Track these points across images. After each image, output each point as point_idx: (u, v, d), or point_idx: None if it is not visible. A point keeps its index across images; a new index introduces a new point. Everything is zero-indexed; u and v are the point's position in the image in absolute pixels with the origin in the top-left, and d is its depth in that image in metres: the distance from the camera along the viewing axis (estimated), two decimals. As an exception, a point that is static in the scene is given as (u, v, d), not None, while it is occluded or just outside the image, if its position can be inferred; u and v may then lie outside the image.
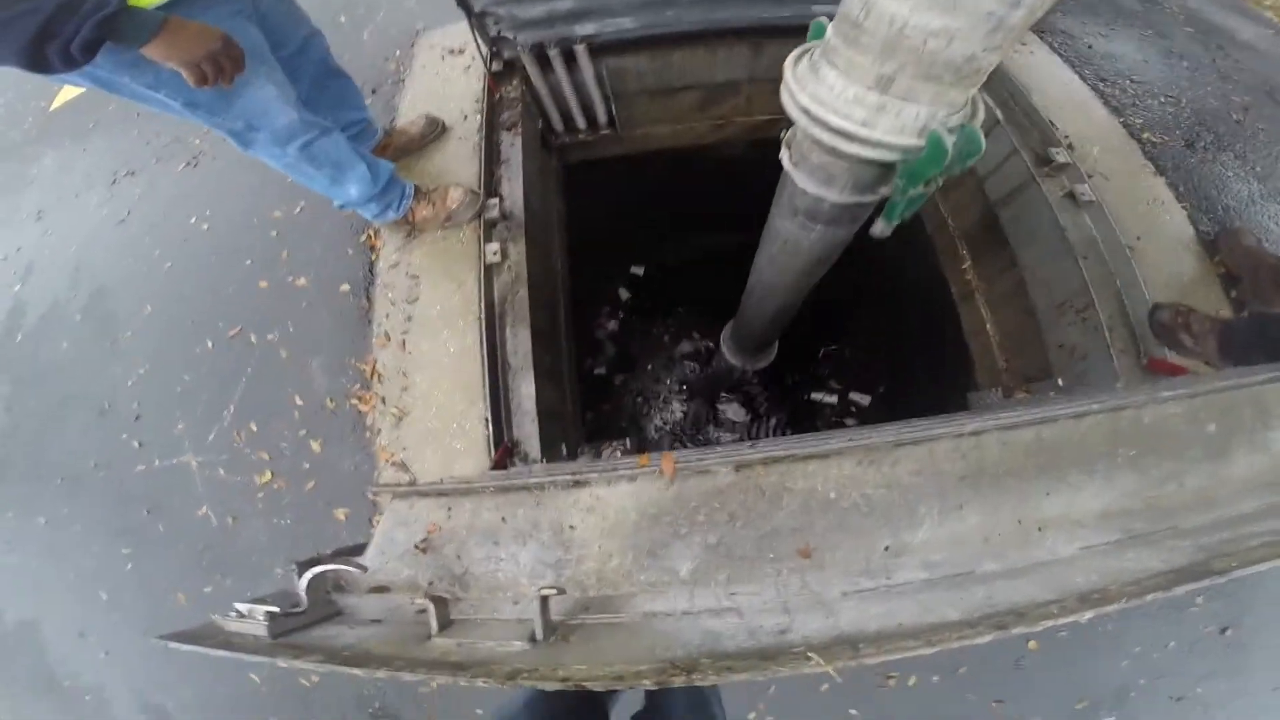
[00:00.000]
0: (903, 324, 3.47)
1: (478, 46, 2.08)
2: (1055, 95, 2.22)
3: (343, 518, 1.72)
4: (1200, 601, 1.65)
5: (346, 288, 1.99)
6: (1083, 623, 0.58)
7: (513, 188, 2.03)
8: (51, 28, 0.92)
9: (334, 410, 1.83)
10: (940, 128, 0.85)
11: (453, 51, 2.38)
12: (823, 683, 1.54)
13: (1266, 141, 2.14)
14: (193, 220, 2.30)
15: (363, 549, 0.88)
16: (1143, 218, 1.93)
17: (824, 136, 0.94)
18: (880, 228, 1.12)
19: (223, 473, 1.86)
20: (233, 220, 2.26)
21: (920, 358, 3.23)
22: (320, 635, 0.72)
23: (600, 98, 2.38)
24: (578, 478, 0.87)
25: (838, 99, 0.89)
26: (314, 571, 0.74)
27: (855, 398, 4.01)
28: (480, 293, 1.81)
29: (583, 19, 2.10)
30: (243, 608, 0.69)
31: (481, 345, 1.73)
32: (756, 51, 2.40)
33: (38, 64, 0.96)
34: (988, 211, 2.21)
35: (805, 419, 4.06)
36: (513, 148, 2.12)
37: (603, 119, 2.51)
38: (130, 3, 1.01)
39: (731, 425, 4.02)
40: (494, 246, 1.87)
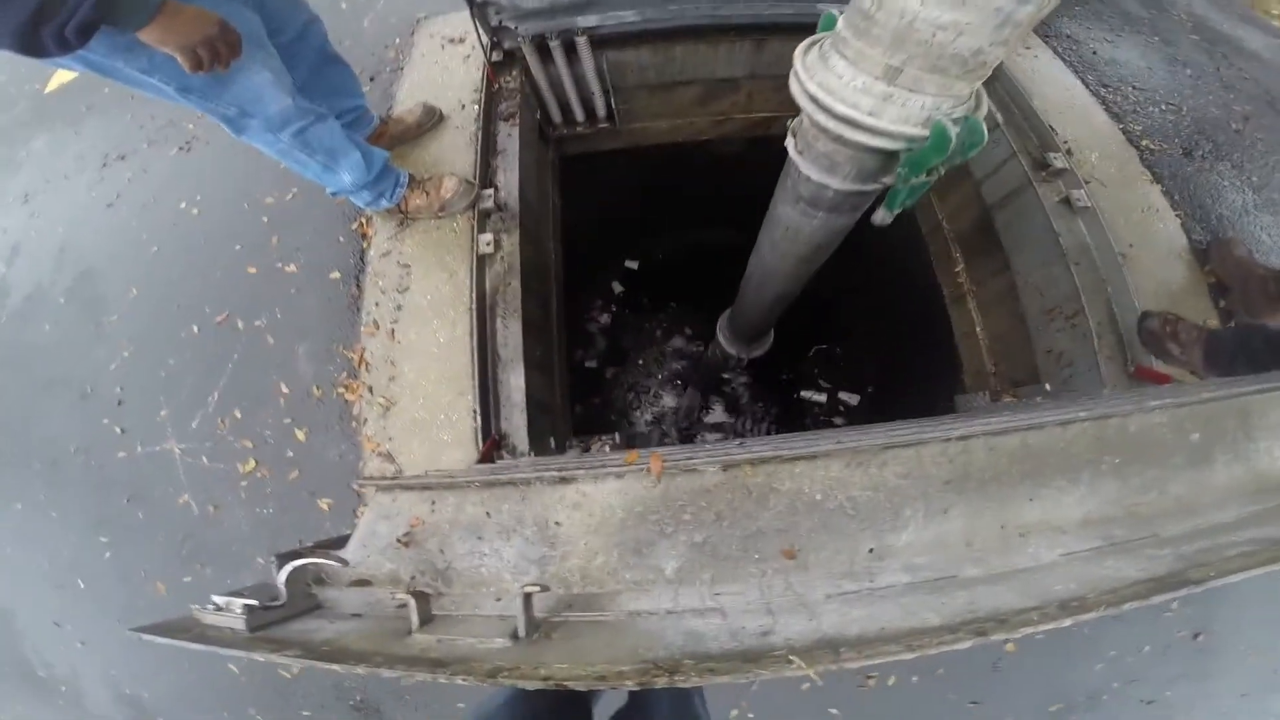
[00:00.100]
0: (894, 325, 3.49)
1: (478, 36, 2.06)
2: (1056, 100, 2.22)
3: (326, 508, 1.71)
4: (1175, 606, 1.67)
5: (336, 275, 1.97)
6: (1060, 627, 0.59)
7: (508, 179, 2.02)
8: (46, 10, 0.89)
9: (320, 399, 1.81)
10: (944, 118, 0.88)
11: (453, 40, 2.35)
12: (804, 682, 1.55)
13: (1264, 151, 2.15)
14: (182, 204, 2.27)
15: (345, 541, 0.87)
16: (1136, 225, 1.93)
17: (831, 124, 0.97)
18: (881, 216, 1.16)
19: (205, 460, 1.84)
20: (223, 205, 2.22)
21: (910, 359, 3.24)
22: (299, 629, 0.72)
23: (600, 90, 2.37)
24: (564, 474, 0.86)
25: (846, 88, 0.92)
26: (294, 565, 0.74)
27: (844, 397, 4.03)
28: (472, 283, 1.79)
29: (585, 10, 2.08)
30: (220, 600, 0.68)
31: (472, 336, 1.72)
32: (758, 48, 2.39)
33: (31, 47, 0.93)
34: (983, 214, 2.22)
35: (794, 417, 4.08)
36: (510, 138, 2.11)
37: (601, 112, 2.49)
38: None
39: (719, 424, 4.04)
40: (487, 237, 1.86)
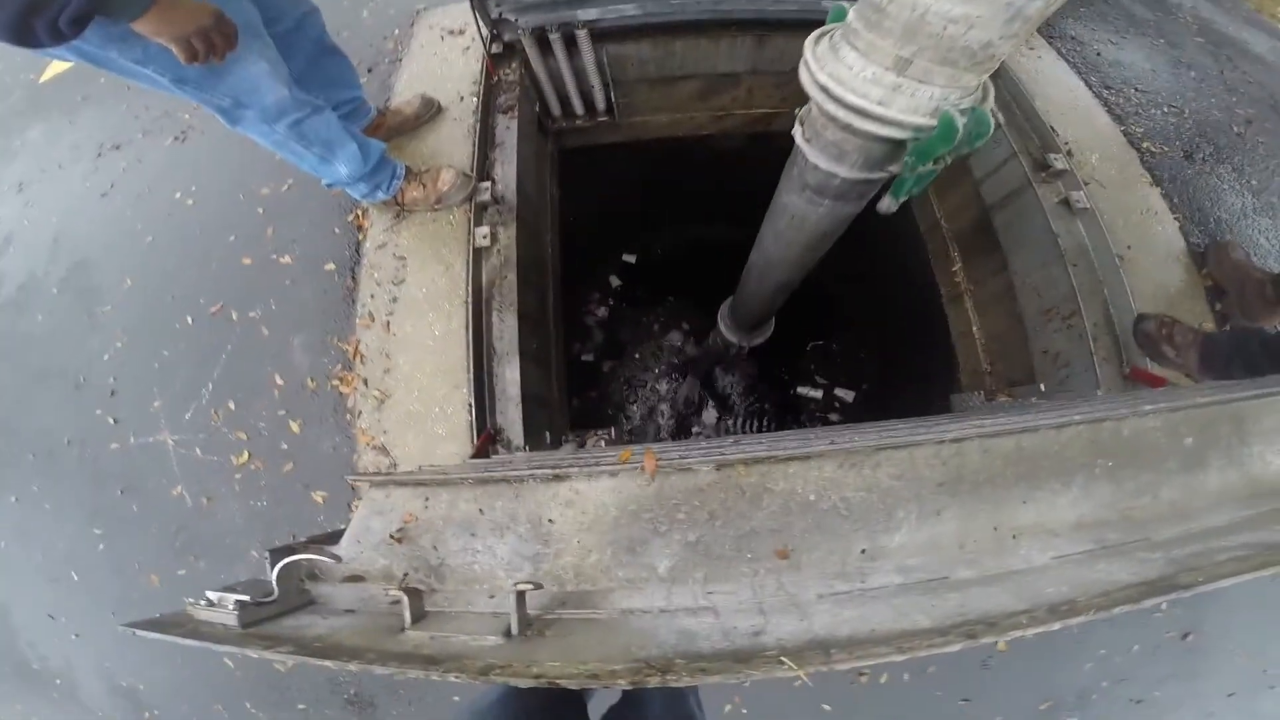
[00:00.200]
0: (891, 322, 3.49)
1: (478, 28, 2.04)
2: (1059, 100, 2.21)
3: (320, 500, 1.71)
4: (1165, 607, 1.68)
5: (332, 267, 1.95)
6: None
7: (506, 171, 2.00)
8: (40, 1, 0.87)
9: (314, 391, 1.81)
10: (952, 109, 0.91)
11: (452, 32, 2.33)
12: (796, 679, 1.56)
13: (1265, 155, 2.14)
14: (177, 195, 2.25)
15: (338, 536, 0.86)
16: (1135, 227, 1.94)
17: (840, 113, 0.99)
18: (887, 204, 1.19)
19: (199, 452, 1.84)
20: (218, 196, 2.21)
21: (906, 357, 3.25)
22: (292, 625, 0.71)
23: (600, 84, 2.35)
24: (558, 471, 0.86)
25: (856, 78, 0.94)
26: (286, 560, 0.73)
27: (840, 393, 4.04)
28: (468, 276, 1.78)
29: (585, 3, 2.07)
30: (213, 596, 0.68)
31: (467, 329, 1.71)
32: (760, 43, 2.37)
33: (24, 38, 0.92)
34: (982, 214, 2.21)
35: (790, 413, 4.09)
36: (508, 131, 2.09)
37: (601, 105, 2.48)
38: None
39: (715, 422, 4.05)
40: (484, 230, 1.85)
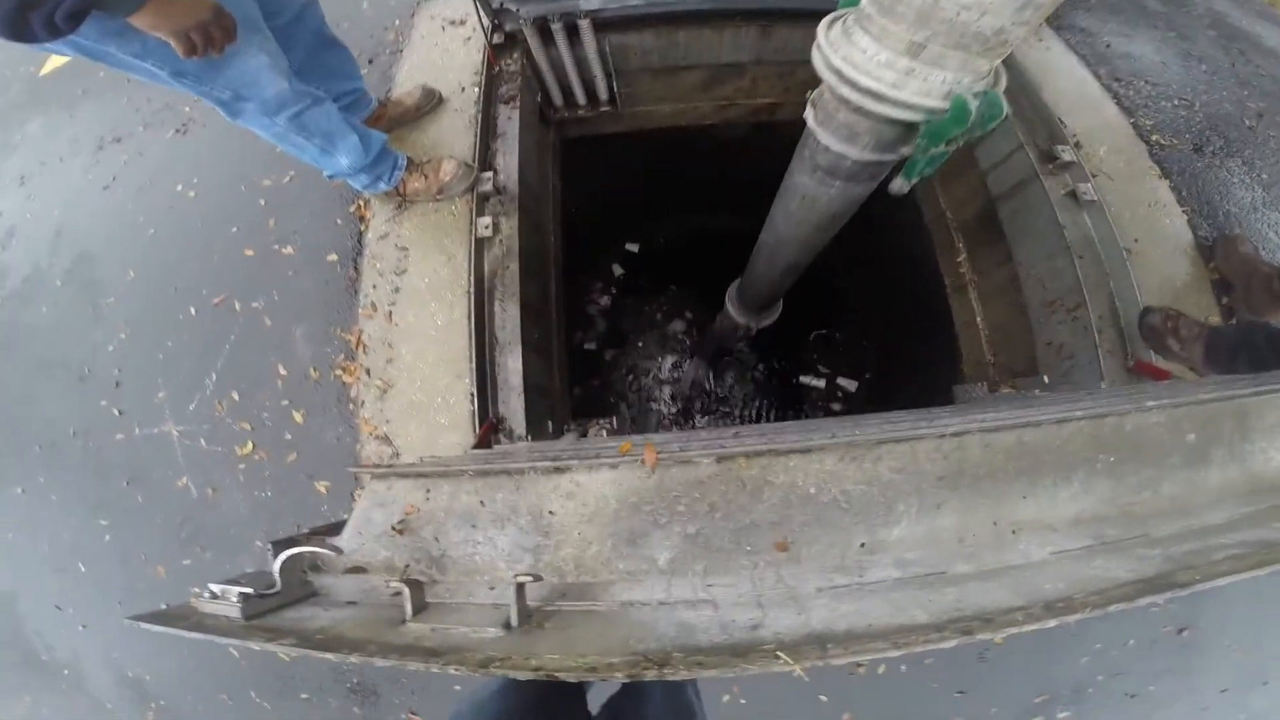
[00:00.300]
0: (894, 312, 3.48)
1: (480, 18, 2.02)
2: (1067, 92, 2.18)
3: (324, 491, 1.72)
4: (1161, 602, 1.68)
5: (334, 257, 1.95)
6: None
7: (508, 161, 1.99)
8: None
9: (318, 381, 1.82)
10: (965, 92, 0.92)
11: (454, 22, 2.31)
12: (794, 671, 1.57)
13: (1276, 149, 2.11)
14: (179, 187, 2.24)
15: (340, 528, 0.87)
16: (1143, 220, 1.91)
17: (853, 96, 1.00)
18: (899, 185, 1.20)
19: (204, 443, 1.85)
20: (220, 187, 2.20)
21: (909, 347, 3.24)
22: (294, 617, 0.72)
23: (602, 74, 2.33)
24: (558, 464, 0.86)
25: (869, 62, 0.95)
26: (289, 553, 0.74)
27: (843, 383, 4.03)
28: (470, 266, 1.78)
29: (587, -8, 2.04)
30: (216, 588, 0.69)
31: (469, 319, 1.71)
32: (764, 34, 2.34)
33: (20, 32, 0.90)
34: (987, 205, 2.19)
35: (793, 402, 4.09)
36: (510, 121, 2.08)
37: (603, 95, 2.46)
38: None
39: (717, 410, 4.04)
40: (486, 220, 1.84)
